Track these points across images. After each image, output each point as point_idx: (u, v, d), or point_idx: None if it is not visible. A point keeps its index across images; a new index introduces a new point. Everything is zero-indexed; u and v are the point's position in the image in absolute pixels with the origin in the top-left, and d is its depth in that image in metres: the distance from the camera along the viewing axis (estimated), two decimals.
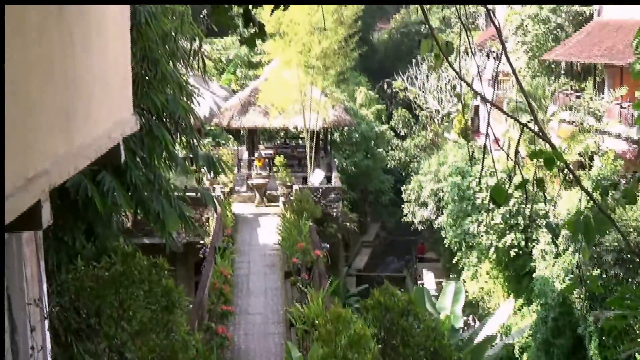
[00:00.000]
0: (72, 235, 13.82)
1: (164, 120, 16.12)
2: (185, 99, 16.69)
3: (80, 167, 7.44)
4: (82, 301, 12.63)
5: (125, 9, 9.83)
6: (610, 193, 6.57)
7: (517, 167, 6.23)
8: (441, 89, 64.55)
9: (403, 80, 67.89)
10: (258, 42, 8.13)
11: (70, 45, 7.14)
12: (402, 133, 66.78)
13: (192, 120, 17.28)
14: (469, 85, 6.40)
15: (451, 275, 45.48)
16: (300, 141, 48.90)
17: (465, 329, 36.10)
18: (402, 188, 55.11)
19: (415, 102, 66.78)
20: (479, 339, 30.24)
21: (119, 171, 13.89)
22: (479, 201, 40.03)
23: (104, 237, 14.79)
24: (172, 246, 17.12)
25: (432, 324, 20.87)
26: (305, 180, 41.62)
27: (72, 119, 7.22)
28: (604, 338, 26.77)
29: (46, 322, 8.91)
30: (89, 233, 14.65)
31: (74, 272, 12.81)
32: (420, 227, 52.84)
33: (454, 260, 43.80)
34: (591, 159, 37.62)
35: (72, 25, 7.21)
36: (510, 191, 6.10)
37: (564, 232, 27.56)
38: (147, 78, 14.80)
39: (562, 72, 47.23)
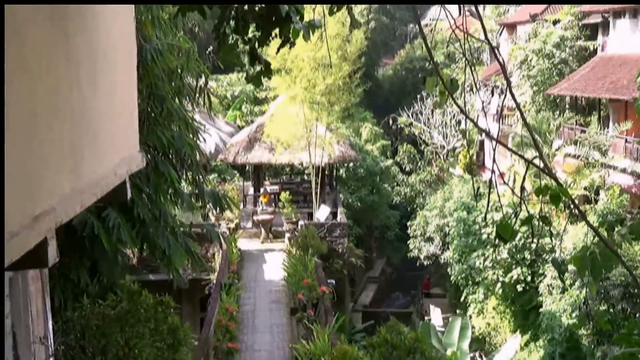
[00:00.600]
0: (78, 272, 13.82)
1: (170, 156, 16.19)
2: (191, 135, 16.78)
3: (87, 205, 7.46)
4: (87, 339, 12.60)
5: (133, 45, 9.89)
6: (616, 228, 6.57)
7: (522, 202, 6.23)
8: (446, 124, 64.65)
9: (408, 115, 68.01)
10: (264, 79, 8.18)
11: (77, 81, 7.17)
12: (408, 168, 66.72)
13: (197, 157, 17.35)
14: (473, 122, 6.43)
15: (458, 311, 45.26)
16: (305, 177, 48.92)
17: None
18: (408, 223, 54.95)
19: (421, 138, 66.85)
20: None
21: (125, 208, 13.92)
22: (484, 236, 39.91)
23: (109, 274, 14.80)
24: (178, 282, 17.12)
25: None
26: (310, 216, 41.59)
27: (79, 156, 7.25)
28: None
29: None
30: (93, 270, 14.65)
31: (79, 310, 12.80)
32: (426, 263, 52.57)
33: (462, 297, 43.57)
34: (597, 193, 37.57)
35: (80, 61, 7.25)
36: (516, 227, 6.10)
37: (570, 267, 27.54)
38: (153, 115, 14.89)
39: (567, 106, 47.32)
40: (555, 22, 49.34)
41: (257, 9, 7.35)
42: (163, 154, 15.78)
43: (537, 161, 6.26)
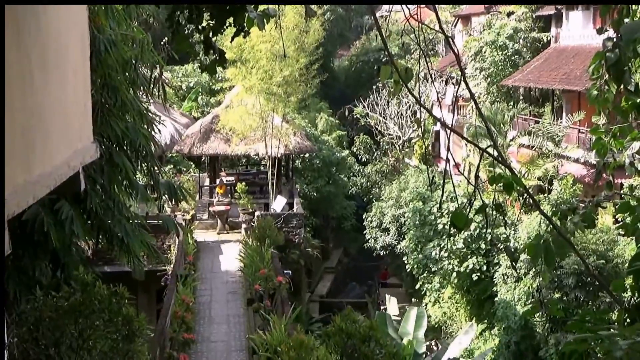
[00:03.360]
0: (33, 265, 13.67)
1: (125, 147, 16.04)
2: (145, 126, 16.64)
3: (39, 196, 7.36)
4: (41, 331, 12.48)
5: (85, 35, 9.77)
6: (569, 217, 6.63)
7: (477, 191, 6.26)
8: (402, 114, 64.81)
9: (364, 106, 68.10)
10: (219, 69, 8.14)
11: (28, 70, 7.07)
12: (364, 159, 66.90)
13: (152, 148, 17.21)
14: (428, 111, 6.44)
15: (414, 300, 45.48)
16: (262, 168, 48.84)
17: (428, 353, 36.09)
18: (364, 215, 55.11)
19: (376, 128, 66.95)
20: None
21: (79, 199, 13.78)
22: (440, 226, 40.14)
23: (63, 267, 14.66)
24: (139, 271, 17.02)
25: (394, 350, 20.86)
26: (267, 206, 41.55)
27: (31, 147, 7.15)
28: None
29: (5, 353, 8.78)
30: (55, 262, 14.50)
31: (32, 302, 12.66)
32: (382, 253, 52.83)
33: (417, 286, 43.80)
34: (550, 183, 37.93)
35: (30, 50, 7.14)
36: (470, 216, 6.12)
37: (524, 256, 27.74)
38: (107, 106, 14.73)
39: (521, 97, 47.68)
40: (509, 14, 49.72)
41: None
42: (117, 145, 15.63)
43: (491, 150, 6.29)
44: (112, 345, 13.43)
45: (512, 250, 32.63)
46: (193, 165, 51.87)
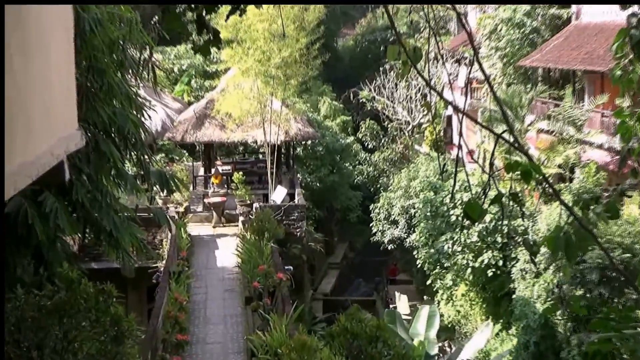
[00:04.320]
0: (14, 261, 13.66)
1: (112, 135, 16.03)
2: (134, 112, 16.62)
3: (21, 187, 7.35)
4: (23, 333, 12.49)
5: (69, 15, 9.74)
6: (592, 207, 6.60)
7: (492, 180, 6.24)
8: (411, 98, 64.63)
9: (370, 89, 67.90)
10: (214, 50, 8.12)
11: (7, 53, 7.05)
12: (370, 146, 66.87)
13: (142, 135, 17.20)
14: (439, 94, 6.42)
15: (425, 298, 45.52)
16: (260, 156, 48.82)
17: (441, 355, 36.13)
18: (371, 206, 55.07)
19: (384, 113, 66.83)
20: None
21: (63, 190, 13.77)
22: (453, 218, 40.05)
23: (47, 263, 14.65)
24: (128, 267, 17.04)
25: (403, 351, 20.86)
26: (266, 198, 41.56)
27: (11, 135, 7.13)
28: None
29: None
30: (38, 258, 14.49)
31: (14, 301, 12.66)
32: (390, 247, 52.83)
33: (428, 282, 43.82)
34: (572, 171, 37.89)
35: (10, 32, 7.12)
36: (485, 207, 6.10)
37: (544, 249, 27.70)
38: (92, 90, 14.70)
39: (540, 79, 47.57)
40: None
41: None
42: (104, 132, 15.62)
43: (507, 136, 6.26)
44: (99, 347, 13.43)
45: (531, 243, 32.46)
46: (186, 154, 51.93)
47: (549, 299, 30.27)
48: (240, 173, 40.88)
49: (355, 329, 20.00)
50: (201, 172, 46.51)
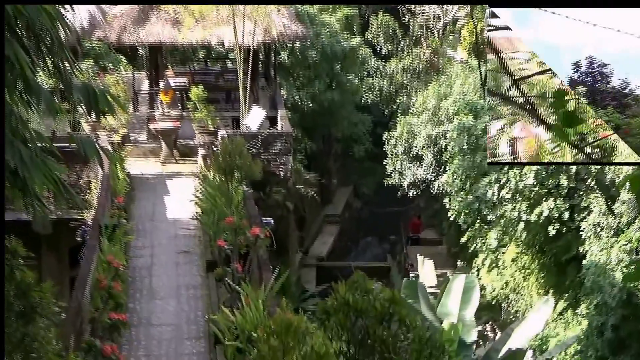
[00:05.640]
0: None
1: (19, 32, 16.01)
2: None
3: None
4: None
5: None
6: None
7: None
8: None
9: None
10: None
11: None
12: (385, 51, 66.59)
13: (62, 34, 17.17)
14: None
15: (459, 264, 45.75)
16: (229, 64, 48.80)
17: (481, 342, 36.40)
18: (384, 136, 54.95)
19: (405, 5, 66.65)
20: (500, 356, 30.51)
21: None
22: None
23: None
24: (41, 220, 17.15)
25: (427, 334, 20.69)
26: (237, 122, 41.50)
27: None
28: None
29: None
30: None
31: None
32: (412, 193, 52.95)
33: (463, 242, 43.92)
34: None
35: None
36: None
37: (627, 195, 27.73)
38: None
39: None
40: None
41: None
42: (8, 29, 15.60)
43: None
44: None
45: (608, 185, 32.44)
46: (124, 61, 51.77)
47: (633, 265, 30.38)
48: (201, 88, 40.69)
49: (361, 303, 19.46)
50: (145, 86, 46.48)
